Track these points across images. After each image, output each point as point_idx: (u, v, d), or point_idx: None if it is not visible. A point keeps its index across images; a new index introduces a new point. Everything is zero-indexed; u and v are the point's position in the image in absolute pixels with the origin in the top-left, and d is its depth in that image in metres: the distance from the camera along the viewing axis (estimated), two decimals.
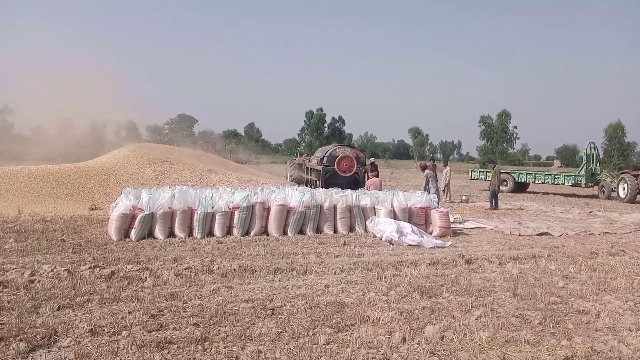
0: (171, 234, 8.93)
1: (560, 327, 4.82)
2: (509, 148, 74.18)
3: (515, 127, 72.15)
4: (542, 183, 25.69)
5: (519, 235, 10.76)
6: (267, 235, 9.45)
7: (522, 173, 26.46)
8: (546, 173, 26.28)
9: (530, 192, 25.72)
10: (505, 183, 25.72)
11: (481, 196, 22.13)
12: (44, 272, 6.00)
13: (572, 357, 4.09)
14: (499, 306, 5.44)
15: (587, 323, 5.00)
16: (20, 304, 4.85)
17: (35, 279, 5.74)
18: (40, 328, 4.28)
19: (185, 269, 6.45)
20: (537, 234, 10.99)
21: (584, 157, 24.69)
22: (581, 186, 24.38)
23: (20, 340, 3.97)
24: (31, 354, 3.81)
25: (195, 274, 6.29)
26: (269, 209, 9.60)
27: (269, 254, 7.77)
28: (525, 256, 8.25)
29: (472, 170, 29.68)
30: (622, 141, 71.04)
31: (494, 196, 16.54)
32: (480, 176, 28.07)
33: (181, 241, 8.53)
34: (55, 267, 6.18)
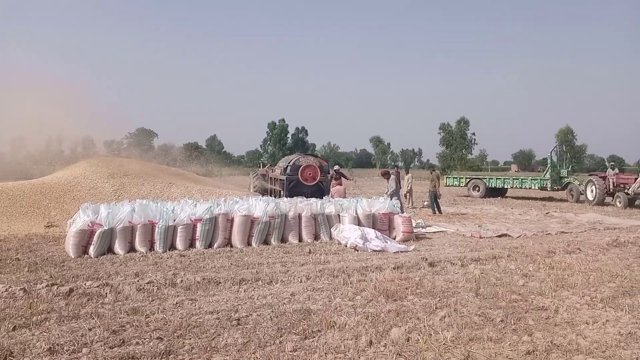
0: (132, 249, 8.70)
1: (521, 324, 4.95)
2: (468, 154, 76.04)
3: (474, 134, 74.17)
4: (511, 187, 26.44)
5: (480, 237, 11.02)
6: (231, 246, 9.35)
7: (492, 178, 27.14)
8: (514, 177, 27.01)
9: (508, 197, 26.49)
10: (477, 188, 26.57)
11: (448, 202, 22.56)
12: None
13: (533, 351, 4.20)
14: (462, 306, 5.54)
15: (546, 318, 5.16)
16: None
17: None
18: None
19: (147, 283, 6.30)
20: (497, 236, 11.28)
21: (549, 161, 25.36)
22: (547, 190, 24.90)
23: None
24: None
25: (157, 288, 6.15)
26: (232, 220, 9.51)
27: (234, 265, 7.68)
28: (486, 257, 8.45)
29: (447, 177, 30.38)
30: (573, 145, 74.03)
31: (434, 201, 16.89)
32: (455, 182, 28.72)
33: (142, 256, 8.33)
34: (10, 287, 5.92)
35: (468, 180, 27.70)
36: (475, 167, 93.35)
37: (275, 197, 14.62)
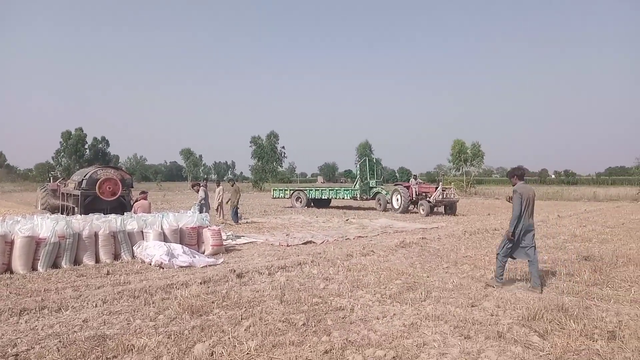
0: None
1: (321, 325, 5.21)
2: (278, 166, 78.69)
3: (283, 147, 77.03)
4: (328, 198, 27.97)
5: (287, 245, 11.43)
6: (12, 273, 8.07)
7: (312, 189, 28.61)
8: (330, 188, 28.78)
9: (332, 207, 27.90)
10: (299, 200, 27.74)
11: (259, 212, 22.91)
12: None
13: (331, 350, 4.45)
14: (267, 314, 5.63)
15: (343, 318, 5.52)
16: None
17: None
18: None
19: None
20: (302, 243, 11.83)
21: (358, 173, 27.51)
22: (356, 199, 26.81)
23: None
24: None
25: None
26: (12, 243, 8.23)
27: (13, 293, 6.63)
28: (292, 264, 8.77)
29: (273, 190, 30.95)
30: (371, 157, 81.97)
31: (234, 213, 17.30)
32: (281, 194, 29.42)
33: None
34: None
35: (292, 192, 28.83)
36: (286, 179, 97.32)
37: (67, 214, 13.15)
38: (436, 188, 23.07)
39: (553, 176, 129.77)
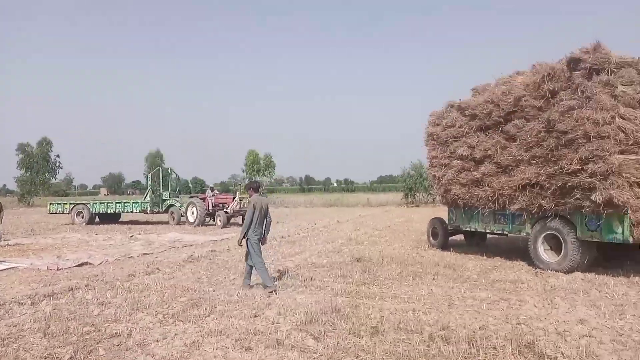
0: None
1: (92, 356, 4.75)
2: (52, 178, 70.02)
3: (58, 156, 68.87)
4: (114, 212, 25.58)
5: (58, 269, 10.14)
6: None
7: (97, 203, 25.93)
8: (117, 201, 26.05)
9: (119, 223, 25.49)
10: (81, 215, 24.95)
11: (25, 232, 19.90)
12: None
13: None
14: (26, 351, 4.89)
15: (118, 345, 5.10)
16: None
17: None
18: None
19: None
20: (76, 265, 10.64)
21: (149, 184, 25.59)
22: (147, 212, 24.94)
23: None
24: None
25: None
26: None
27: None
28: (61, 290, 7.79)
29: (50, 204, 26.88)
30: (162, 167, 78.53)
31: None
32: (59, 209, 26.00)
33: None
34: None
35: (72, 205, 25.78)
36: (61, 191, 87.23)
37: None
38: (233, 198, 23.08)
39: (335, 184, 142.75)
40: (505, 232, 11.02)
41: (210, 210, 22.79)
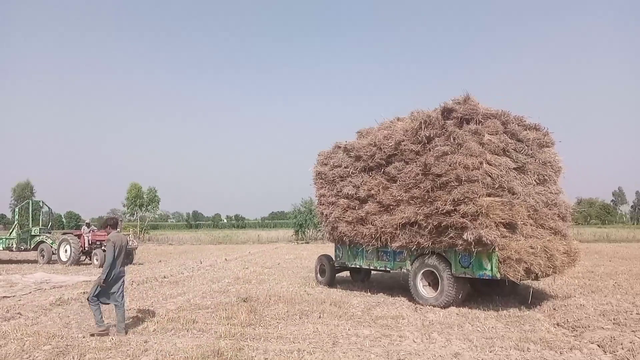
0: None
1: None
2: None
3: None
4: None
5: None
6: None
7: None
8: None
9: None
10: None
11: None
12: None
13: None
14: None
15: None
16: None
17: None
18: None
19: None
20: None
21: (17, 219, 23.00)
22: (12, 250, 22.39)
23: None
24: None
25: None
26: None
27: None
28: None
29: None
30: (32, 200, 71.70)
31: None
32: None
33: None
34: None
35: None
36: None
37: None
38: None
39: (225, 220, 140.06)
40: (387, 269, 11.45)
41: (86, 248, 20.94)
